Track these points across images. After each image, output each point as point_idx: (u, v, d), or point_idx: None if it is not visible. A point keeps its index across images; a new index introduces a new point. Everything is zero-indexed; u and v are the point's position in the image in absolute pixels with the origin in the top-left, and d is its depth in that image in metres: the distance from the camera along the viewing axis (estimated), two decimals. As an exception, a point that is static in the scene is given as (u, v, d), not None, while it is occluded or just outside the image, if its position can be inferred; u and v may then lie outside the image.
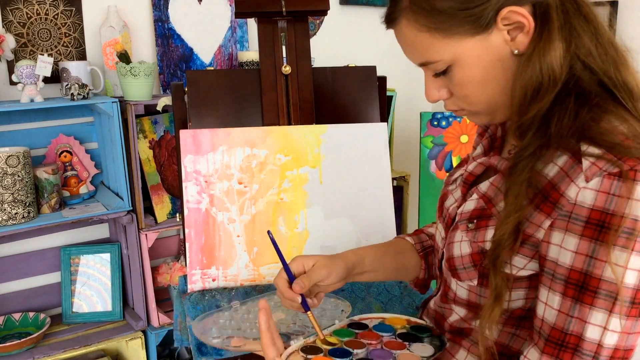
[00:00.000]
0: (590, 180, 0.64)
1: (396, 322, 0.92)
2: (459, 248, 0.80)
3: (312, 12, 1.25)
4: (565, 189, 0.66)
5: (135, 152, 1.78)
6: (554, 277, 0.68)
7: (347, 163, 1.23)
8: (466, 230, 0.80)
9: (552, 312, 0.68)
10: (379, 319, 0.93)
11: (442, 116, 2.18)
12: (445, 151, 2.18)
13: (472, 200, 0.81)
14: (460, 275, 0.81)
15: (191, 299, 1.11)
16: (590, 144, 0.66)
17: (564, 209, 0.67)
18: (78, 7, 1.87)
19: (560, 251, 0.67)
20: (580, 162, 0.66)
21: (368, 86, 1.30)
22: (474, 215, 0.79)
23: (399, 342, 0.85)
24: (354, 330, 0.89)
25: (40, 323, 1.83)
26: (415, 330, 0.89)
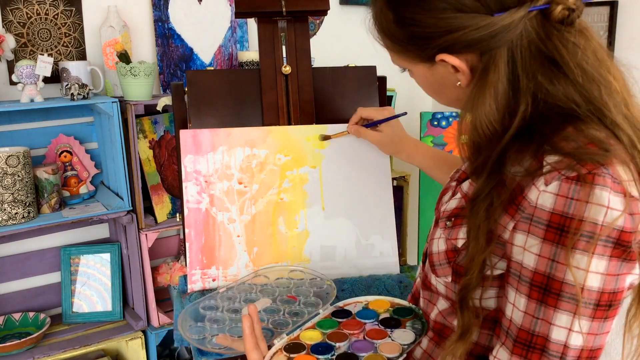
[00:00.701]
0: (549, 183, 0.65)
1: (380, 306, 0.95)
2: (437, 245, 0.82)
3: (312, 12, 1.25)
4: (527, 191, 0.67)
5: (135, 152, 1.78)
6: (520, 278, 0.69)
7: (347, 163, 1.24)
8: (444, 228, 0.82)
9: (519, 313, 0.69)
10: (363, 302, 0.96)
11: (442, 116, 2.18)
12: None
13: (456, 199, 0.83)
14: (437, 271, 0.82)
15: (191, 299, 1.11)
16: (551, 150, 0.67)
17: (526, 211, 0.67)
18: (78, 7, 1.87)
19: (524, 253, 0.68)
20: (541, 167, 0.67)
21: (368, 86, 1.30)
22: (454, 213, 0.82)
23: (381, 330, 0.88)
24: (337, 320, 0.92)
25: (40, 323, 1.83)
26: (397, 313, 0.92)
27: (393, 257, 1.23)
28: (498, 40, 0.69)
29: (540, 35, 0.70)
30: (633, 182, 0.65)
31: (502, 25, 0.69)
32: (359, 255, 1.22)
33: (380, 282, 1.18)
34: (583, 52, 0.70)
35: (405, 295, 1.18)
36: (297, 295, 1.05)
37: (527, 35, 0.70)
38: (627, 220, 0.63)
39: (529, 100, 0.70)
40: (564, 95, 0.70)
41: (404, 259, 2.37)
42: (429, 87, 0.84)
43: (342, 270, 1.20)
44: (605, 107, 0.69)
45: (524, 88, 0.70)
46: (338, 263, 1.21)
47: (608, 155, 0.65)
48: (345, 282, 1.17)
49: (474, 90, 0.73)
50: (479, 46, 0.71)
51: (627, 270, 0.65)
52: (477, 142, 0.74)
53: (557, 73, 0.70)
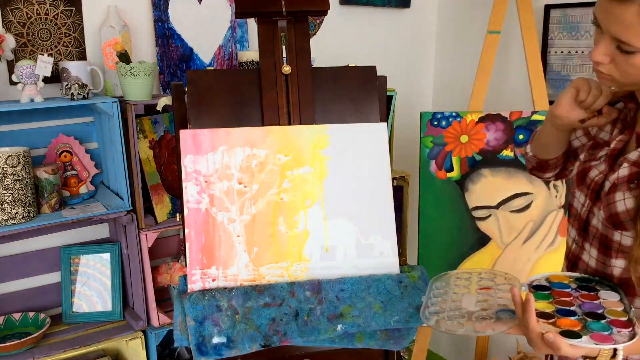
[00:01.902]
0: None
1: (559, 279, 1.08)
2: (623, 204, 0.96)
3: (312, 12, 1.25)
4: None
5: (135, 152, 1.78)
6: None
7: (347, 163, 1.24)
8: (629, 190, 0.96)
9: None
10: (543, 278, 1.09)
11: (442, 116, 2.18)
12: (446, 151, 2.17)
13: (625, 168, 0.98)
14: (627, 226, 0.96)
15: (191, 299, 1.11)
16: None
17: None
18: (78, 7, 1.87)
19: None
20: None
21: (368, 86, 1.30)
22: (633, 177, 0.96)
23: (587, 294, 1.01)
24: (545, 293, 1.04)
25: (40, 323, 1.83)
26: (583, 281, 1.05)
27: (393, 257, 1.23)
28: None
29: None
30: None
31: None
32: (359, 255, 1.22)
33: (380, 282, 1.18)
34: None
35: (406, 294, 1.18)
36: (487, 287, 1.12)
37: None
38: None
39: None
40: None
41: (404, 259, 2.37)
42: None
43: (342, 270, 1.20)
44: None
45: None
46: (338, 263, 1.21)
47: None
48: (346, 282, 1.17)
49: None
50: None
51: None
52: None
53: None
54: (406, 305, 1.17)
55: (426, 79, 2.75)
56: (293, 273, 1.19)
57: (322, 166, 1.23)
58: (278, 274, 1.18)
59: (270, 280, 1.17)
